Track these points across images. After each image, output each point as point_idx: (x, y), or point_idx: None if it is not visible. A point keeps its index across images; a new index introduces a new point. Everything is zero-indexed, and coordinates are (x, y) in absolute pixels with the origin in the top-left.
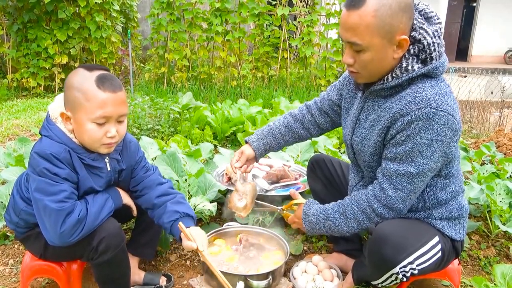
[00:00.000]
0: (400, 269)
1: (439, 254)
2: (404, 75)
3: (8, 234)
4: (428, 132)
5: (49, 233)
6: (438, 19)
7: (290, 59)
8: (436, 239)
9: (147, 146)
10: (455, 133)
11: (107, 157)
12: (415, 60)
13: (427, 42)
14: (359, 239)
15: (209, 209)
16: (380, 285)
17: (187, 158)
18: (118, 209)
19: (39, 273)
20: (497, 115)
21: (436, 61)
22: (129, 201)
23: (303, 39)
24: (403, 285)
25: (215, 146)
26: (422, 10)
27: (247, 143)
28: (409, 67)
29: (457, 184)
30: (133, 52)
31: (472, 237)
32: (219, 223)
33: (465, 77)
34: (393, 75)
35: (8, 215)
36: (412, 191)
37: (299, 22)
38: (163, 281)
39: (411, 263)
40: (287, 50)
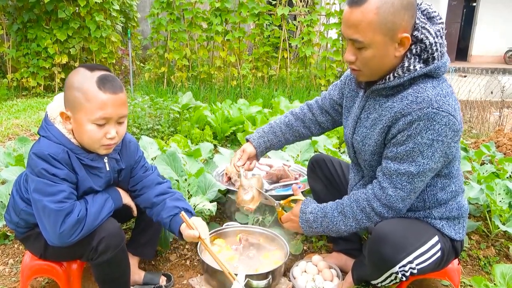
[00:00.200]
0: (399, 268)
1: (439, 253)
2: (406, 75)
3: (8, 233)
4: (429, 132)
5: (49, 234)
6: (440, 19)
7: (290, 59)
8: (435, 238)
9: (147, 145)
10: (456, 133)
11: (106, 157)
12: (417, 60)
13: (429, 42)
14: (358, 239)
15: (209, 209)
16: (379, 285)
17: (187, 158)
18: (118, 209)
19: (39, 272)
20: (497, 115)
21: (438, 61)
22: (129, 201)
23: (303, 39)
24: (402, 285)
25: (215, 146)
26: (424, 10)
27: (247, 141)
28: (411, 67)
29: (457, 184)
30: (133, 51)
31: (471, 237)
32: (219, 223)
33: (465, 77)
34: (395, 74)
35: (8, 215)
36: (412, 191)
37: (299, 22)
38: (163, 280)
39: (410, 262)
40: (287, 50)
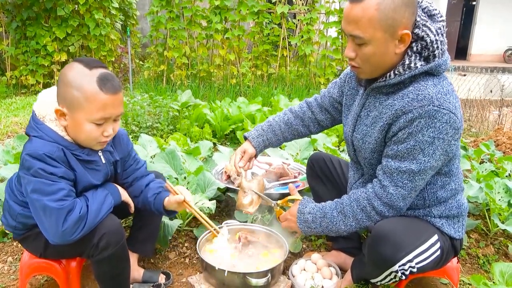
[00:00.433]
0: (399, 267)
1: (438, 252)
2: (406, 72)
3: (6, 231)
4: (430, 130)
5: (50, 233)
6: (441, 17)
7: (289, 57)
8: (435, 237)
9: (146, 144)
10: (457, 131)
11: (100, 151)
12: (418, 57)
13: (430, 39)
14: (358, 237)
15: (208, 207)
16: (379, 283)
17: (186, 156)
18: (116, 205)
19: (38, 270)
20: (496, 114)
21: (438, 58)
22: (127, 198)
23: (302, 37)
24: (401, 283)
25: (214, 144)
26: (425, 7)
27: (246, 139)
28: (412, 65)
29: (457, 182)
30: (132, 49)
31: (471, 236)
32: (218, 221)
33: (465, 75)
34: (396, 72)
35: (5, 219)
36: (412, 189)
37: (298, 20)
38: (162, 278)
39: (410, 261)
40: (286, 48)
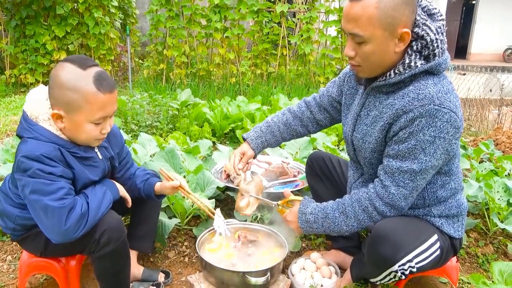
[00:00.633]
0: (399, 267)
1: (438, 252)
2: (407, 71)
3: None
4: (431, 129)
5: (53, 232)
6: (441, 15)
7: (289, 56)
8: (435, 237)
9: (145, 142)
10: (457, 130)
11: (96, 147)
12: (418, 56)
13: (430, 38)
14: (357, 236)
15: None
16: (378, 283)
17: (185, 155)
18: (114, 201)
19: (37, 269)
20: (495, 113)
21: (439, 57)
22: (124, 193)
23: (302, 36)
24: (401, 283)
25: (214, 143)
26: (425, 6)
27: (245, 140)
28: (412, 63)
29: (457, 181)
30: (131, 48)
31: (470, 235)
32: None
33: (464, 74)
34: (396, 71)
35: (3, 222)
36: (414, 189)
37: (298, 19)
38: (161, 277)
39: (410, 261)
40: (286, 47)
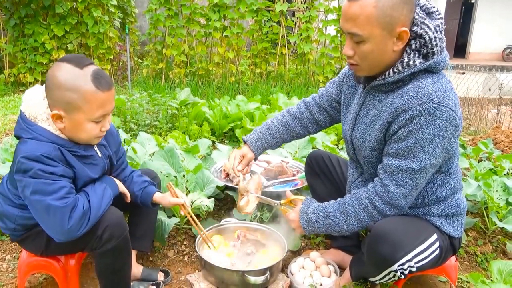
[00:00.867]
0: (398, 267)
1: (437, 251)
2: (406, 70)
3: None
4: (430, 127)
5: (56, 232)
6: (439, 14)
7: (288, 55)
8: (434, 236)
9: (145, 142)
10: (456, 128)
11: (95, 145)
12: (417, 55)
13: (428, 37)
14: (356, 235)
15: (206, 205)
16: (378, 282)
17: (185, 154)
18: (114, 197)
19: (37, 268)
20: (494, 112)
21: (437, 56)
22: (123, 188)
23: (301, 35)
24: (400, 282)
25: (213, 142)
26: (423, 5)
27: (245, 143)
28: (411, 62)
29: (456, 180)
30: (131, 47)
31: (469, 234)
32: (216, 219)
33: (463, 74)
34: (395, 70)
35: (3, 223)
36: (414, 187)
37: (297, 18)
38: (160, 276)
39: (409, 261)
40: (285, 46)
